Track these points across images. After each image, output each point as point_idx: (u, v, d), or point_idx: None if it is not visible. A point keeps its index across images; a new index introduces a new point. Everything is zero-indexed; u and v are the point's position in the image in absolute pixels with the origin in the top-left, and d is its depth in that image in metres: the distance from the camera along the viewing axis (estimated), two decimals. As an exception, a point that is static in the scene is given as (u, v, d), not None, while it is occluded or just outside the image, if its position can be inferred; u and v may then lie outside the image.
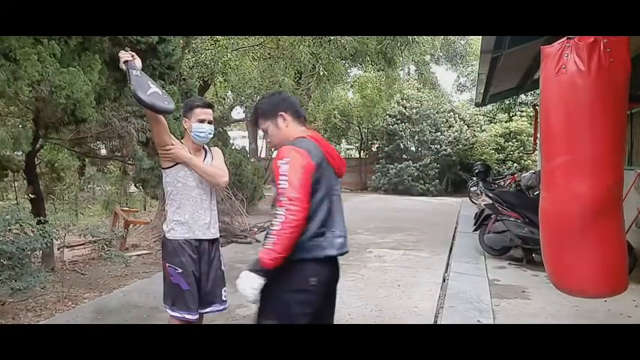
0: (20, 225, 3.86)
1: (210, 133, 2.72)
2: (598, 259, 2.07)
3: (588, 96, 1.99)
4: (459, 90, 21.91)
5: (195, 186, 2.68)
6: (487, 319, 3.82)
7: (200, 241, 2.68)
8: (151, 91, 2.41)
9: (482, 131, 17.52)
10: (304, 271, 1.97)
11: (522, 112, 16.82)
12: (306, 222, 1.89)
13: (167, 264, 2.66)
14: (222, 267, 2.80)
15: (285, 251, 1.87)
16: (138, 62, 2.49)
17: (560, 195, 2.12)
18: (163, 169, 2.72)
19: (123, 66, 2.48)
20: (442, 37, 15.75)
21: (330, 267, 2.06)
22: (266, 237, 1.91)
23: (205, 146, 2.83)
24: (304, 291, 1.97)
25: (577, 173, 2.05)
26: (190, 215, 2.66)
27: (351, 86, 17.58)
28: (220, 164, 2.79)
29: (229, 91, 13.42)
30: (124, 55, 2.48)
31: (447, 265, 5.82)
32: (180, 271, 2.61)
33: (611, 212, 2.08)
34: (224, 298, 2.76)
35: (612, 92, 2.00)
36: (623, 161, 2.16)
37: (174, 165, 2.66)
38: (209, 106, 2.78)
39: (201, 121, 2.68)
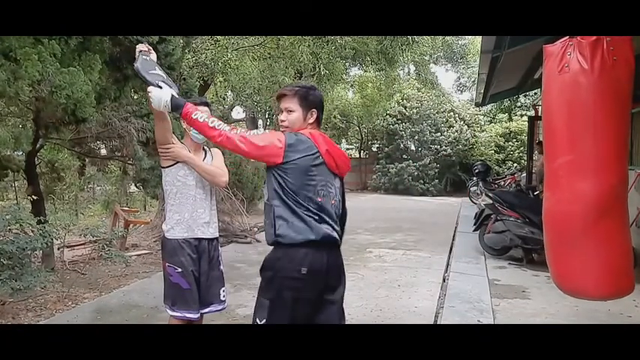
0: (20, 225, 3.86)
1: None
2: (602, 260, 2.03)
3: (591, 95, 1.97)
4: (459, 90, 21.87)
5: (194, 185, 2.69)
6: (487, 319, 3.82)
7: (199, 240, 2.69)
8: (153, 72, 2.38)
9: (483, 131, 17.51)
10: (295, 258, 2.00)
11: (523, 115, 16.81)
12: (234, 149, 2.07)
13: (167, 264, 2.67)
14: (221, 267, 2.80)
15: (192, 123, 2.19)
16: (153, 55, 2.48)
17: (563, 195, 2.09)
18: (163, 168, 2.73)
19: (138, 54, 2.44)
20: (442, 37, 15.70)
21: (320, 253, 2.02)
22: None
23: (205, 147, 2.84)
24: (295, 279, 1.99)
25: (580, 173, 2.02)
26: (190, 214, 2.67)
27: (351, 86, 17.55)
28: (220, 164, 2.80)
29: (229, 91, 13.39)
30: (140, 45, 2.49)
31: (447, 265, 5.82)
32: (179, 270, 2.61)
33: (615, 212, 2.05)
34: (222, 298, 2.76)
35: (615, 91, 1.98)
36: (626, 160, 2.14)
37: (174, 164, 2.68)
38: (204, 104, 2.73)
39: None
